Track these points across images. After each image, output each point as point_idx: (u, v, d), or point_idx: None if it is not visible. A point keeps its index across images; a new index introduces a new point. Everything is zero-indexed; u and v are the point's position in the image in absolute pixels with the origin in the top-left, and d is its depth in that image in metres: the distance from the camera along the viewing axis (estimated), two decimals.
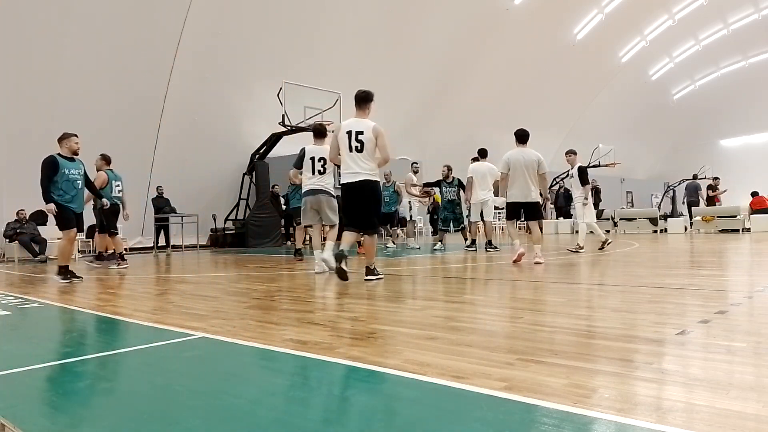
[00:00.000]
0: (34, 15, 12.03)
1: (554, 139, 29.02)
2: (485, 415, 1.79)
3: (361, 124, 5.66)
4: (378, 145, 5.62)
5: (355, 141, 5.59)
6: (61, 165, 6.57)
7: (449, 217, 10.92)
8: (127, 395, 2.20)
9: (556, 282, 5.47)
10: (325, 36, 16.89)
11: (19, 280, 7.47)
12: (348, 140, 5.62)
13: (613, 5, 24.18)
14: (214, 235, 15.64)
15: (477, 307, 4.06)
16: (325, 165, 7.02)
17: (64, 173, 6.59)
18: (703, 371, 2.20)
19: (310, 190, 7.04)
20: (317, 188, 7.01)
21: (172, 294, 5.32)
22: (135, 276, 7.36)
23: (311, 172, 7.04)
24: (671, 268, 6.62)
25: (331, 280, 6.00)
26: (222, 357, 2.83)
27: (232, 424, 1.78)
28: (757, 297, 4.11)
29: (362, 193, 5.62)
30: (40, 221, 12.47)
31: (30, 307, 4.72)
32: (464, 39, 20.65)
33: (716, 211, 17.32)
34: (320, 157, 6.99)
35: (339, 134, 5.73)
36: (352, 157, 5.61)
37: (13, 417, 1.86)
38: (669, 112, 34.29)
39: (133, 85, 13.63)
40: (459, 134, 22.06)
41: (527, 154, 7.49)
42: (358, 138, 5.59)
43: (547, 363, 2.34)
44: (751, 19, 27.69)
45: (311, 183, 7.05)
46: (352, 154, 5.61)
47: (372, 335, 3.03)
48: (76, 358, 2.81)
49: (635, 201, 32.39)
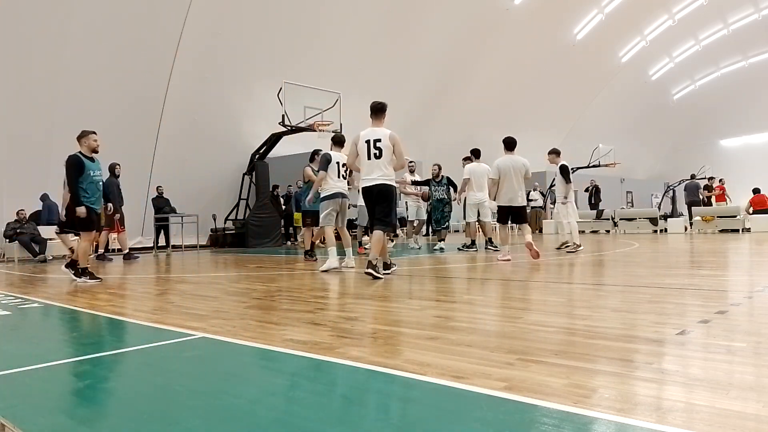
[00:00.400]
0: (34, 15, 12.03)
1: (554, 139, 28.98)
2: (485, 415, 1.79)
3: (378, 132, 6.09)
4: (395, 152, 6.08)
5: (374, 148, 6.05)
6: (86, 166, 6.47)
7: (440, 216, 10.92)
8: (127, 395, 2.20)
9: (556, 282, 5.47)
10: (325, 36, 16.90)
11: (19, 280, 7.47)
12: (367, 148, 6.08)
13: (613, 5, 24.17)
14: (214, 235, 15.64)
15: (477, 307, 4.06)
16: (346, 170, 7.46)
17: (89, 175, 6.48)
18: (703, 371, 2.20)
19: (337, 194, 7.35)
20: (343, 192, 7.43)
21: (172, 294, 5.32)
22: (135, 276, 7.35)
23: (336, 176, 7.38)
24: (671, 268, 6.62)
25: (330, 280, 6.00)
26: (222, 357, 2.83)
27: (232, 424, 1.78)
28: (757, 297, 4.11)
29: (381, 196, 6.10)
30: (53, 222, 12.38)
31: (30, 307, 4.72)
32: (464, 39, 20.65)
33: (716, 211, 17.32)
34: (343, 163, 7.37)
35: (358, 143, 6.16)
36: (373, 163, 6.08)
37: (13, 417, 1.86)
38: (669, 112, 34.29)
39: (133, 85, 13.63)
40: (459, 134, 22.07)
41: (516, 160, 8.05)
42: (377, 145, 6.05)
43: (547, 363, 2.34)
44: (751, 19, 27.69)
45: (338, 187, 7.36)
46: (372, 160, 6.07)
47: (372, 335, 3.03)
48: (76, 358, 2.81)
49: (635, 201, 32.39)
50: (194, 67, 14.55)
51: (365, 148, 6.08)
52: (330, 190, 7.35)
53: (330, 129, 13.19)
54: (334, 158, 7.42)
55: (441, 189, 10.85)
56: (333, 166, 7.38)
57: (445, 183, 10.85)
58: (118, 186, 11.31)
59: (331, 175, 7.34)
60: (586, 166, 22.87)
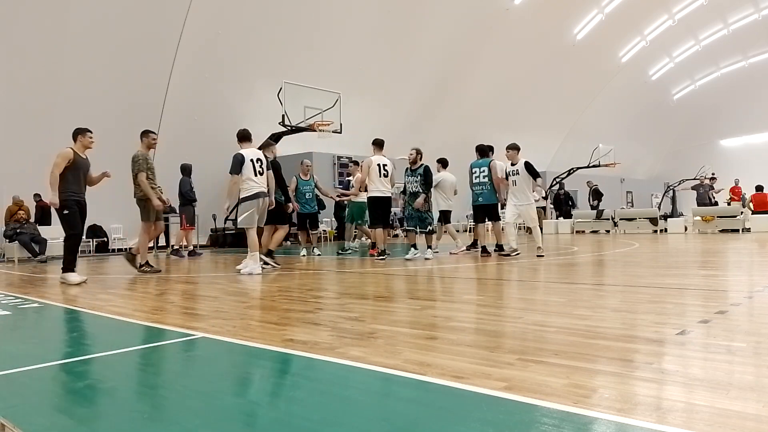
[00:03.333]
0: (33, 15, 12.02)
1: (554, 140, 29.04)
2: (485, 415, 1.79)
3: (384, 159, 8.81)
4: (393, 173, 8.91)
5: (384, 170, 8.73)
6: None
7: (413, 215, 8.70)
8: (127, 395, 2.20)
9: (556, 282, 5.47)
10: (326, 36, 16.90)
11: (19, 280, 7.47)
12: (379, 170, 8.69)
13: (613, 5, 24.17)
14: (214, 235, 15.64)
15: (477, 307, 4.06)
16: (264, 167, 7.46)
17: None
18: (703, 371, 2.20)
19: (259, 193, 7.22)
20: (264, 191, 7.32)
21: (172, 294, 5.32)
22: (135, 276, 7.35)
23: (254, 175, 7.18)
24: (671, 268, 6.62)
25: (331, 280, 6.00)
26: (222, 357, 2.83)
27: (232, 424, 1.78)
28: (757, 297, 4.11)
29: (386, 204, 8.84)
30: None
31: (30, 307, 4.72)
32: (464, 39, 20.65)
33: (716, 211, 17.32)
34: (258, 158, 7.27)
35: (372, 165, 8.68)
36: (382, 180, 8.71)
37: (13, 417, 1.86)
38: (669, 112, 34.29)
39: (133, 84, 13.63)
40: (459, 134, 22.06)
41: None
42: (386, 168, 8.76)
43: (547, 363, 2.34)
44: (751, 19, 27.69)
45: (259, 186, 7.21)
46: (382, 178, 8.71)
47: (372, 335, 3.03)
48: (76, 358, 2.81)
49: (635, 201, 32.41)
50: (194, 66, 14.54)
51: (377, 169, 8.63)
52: (251, 190, 7.12)
53: (330, 129, 13.19)
54: (247, 156, 7.10)
55: (415, 180, 8.66)
56: (248, 165, 7.07)
57: (421, 173, 8.61)
58: (190, 185, 12.09)
59: (248, 175, 7.10)
60: (586, 166, 22.86)
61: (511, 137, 10.15)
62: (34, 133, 12.67)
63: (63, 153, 6.45)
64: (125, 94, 13.54)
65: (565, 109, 27.60)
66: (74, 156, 6.49)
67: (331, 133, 13.37)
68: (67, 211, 6.42)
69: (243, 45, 15.46)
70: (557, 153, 29.10)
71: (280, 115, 12.89)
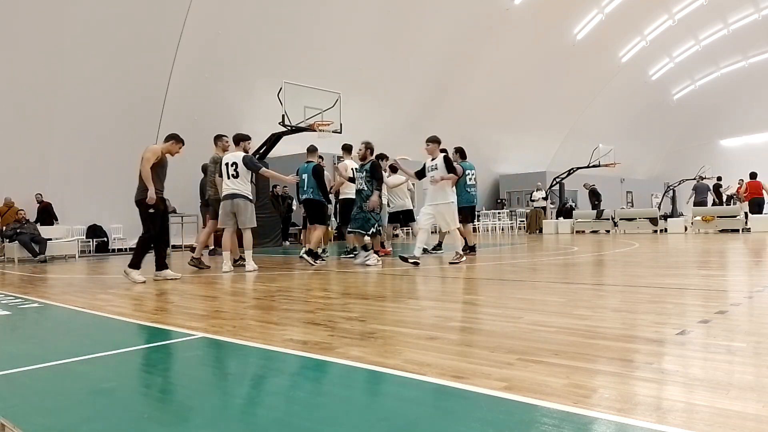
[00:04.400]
0: (33, 14, 12.02)
1: (554, 140, 29.04)
2: (485, 415, 1.79)
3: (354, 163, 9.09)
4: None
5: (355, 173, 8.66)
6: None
7: (358, 216, 8.00)
8: (127, 395, 2.20)
9: (556, 282, 5.47)
10: (326, 36, 16.90)
11: (19, 280, 7.47)
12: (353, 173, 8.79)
13: (613, 5, 24.18)
14: (214, 235, 15.61)
15: (477, 307, 4.06)
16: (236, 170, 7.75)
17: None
18: (703, 371, 2.20)
19: (227, 195, 7.54)
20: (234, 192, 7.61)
21: (172, 294, 5.32)
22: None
23: (227, 177, 7.60)
24: (671, 268, 6.62)
25: (330, 280, 6.00)
26: (222, 357, 2.83)
27: (232, 424, 1.78)
28: (757, 297, 4.11)
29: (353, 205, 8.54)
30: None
31: (30, 307, 4.72)
32: (464, 39, 20.66)
33: (716, 211, 17.32)
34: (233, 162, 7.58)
35: (348, 169, 9.04)
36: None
37: (13, 417, 1.86)
38: (669, 112, 34.30)
39: (134, 84, 13.63)
40: (459, 134, 22.03)
41: None
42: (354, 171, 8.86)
43: (547, 363, 2.34)
44: (751, 19, 27.70)
45: (229, 188, 7.53)
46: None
47: (372, 335, 3.03)
48: (76, 358, 2.81)
49: (635, 201, 32.40)
50: (194, 66, 14.55)
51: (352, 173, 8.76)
52: (223, 192, 7.54)
53: (330, 129, 13.18)
54: (223, 160, 7.57)
55: (361, 177, 8.01)
56: (222, 168, 7.52)
57: (368, 169, 7.93)
58: None
59: (224, 177, 7.52)
60: (586, 166, 22.86)
61: (511, 137, 10.20)
62: (34, 133, 12.67)
63: (152, 149, 6.51)
64: (125, 94, 13.54)
65: (565, 109, 27.60)
66: (162, 154, 6.58)
67: (331, 133, 13.35)
68: (153, 210, 6.48)
69: (243, 45, 15.46)
70: (557, 153, 29.10)
71: (280, 115, 12.89)
